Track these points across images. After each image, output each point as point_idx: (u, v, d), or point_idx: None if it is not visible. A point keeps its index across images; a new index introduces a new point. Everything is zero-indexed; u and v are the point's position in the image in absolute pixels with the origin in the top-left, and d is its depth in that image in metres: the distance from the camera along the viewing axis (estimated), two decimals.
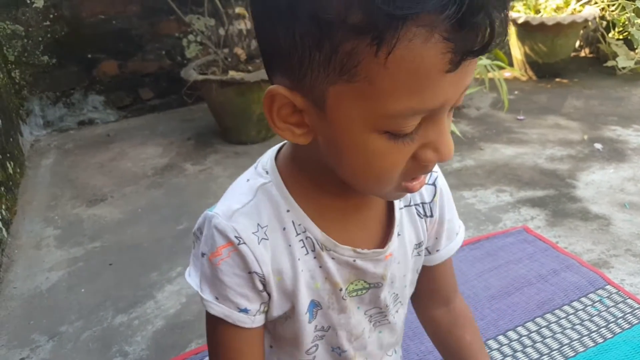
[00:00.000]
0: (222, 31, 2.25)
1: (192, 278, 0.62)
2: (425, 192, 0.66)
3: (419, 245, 0.67)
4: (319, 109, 0.46)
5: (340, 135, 0.47)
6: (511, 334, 1.18)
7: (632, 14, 2.63)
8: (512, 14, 2.61)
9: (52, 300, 1.41)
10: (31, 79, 2.50)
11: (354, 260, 0.60)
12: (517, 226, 1.55)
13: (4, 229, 1.69)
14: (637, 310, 1.21)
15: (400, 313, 0.71)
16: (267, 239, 0.57)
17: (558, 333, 1.17)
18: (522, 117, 2.31)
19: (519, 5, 2.62)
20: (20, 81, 2.49)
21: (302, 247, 0.58)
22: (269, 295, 0.59)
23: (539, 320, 1.21)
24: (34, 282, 1.48)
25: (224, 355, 0.62)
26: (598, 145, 2.01)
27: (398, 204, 0.63)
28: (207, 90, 2.10)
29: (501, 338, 1.17)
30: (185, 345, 1.20)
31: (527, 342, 1.15)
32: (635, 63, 2.63)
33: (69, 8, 2.46)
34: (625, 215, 1.58)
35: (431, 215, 0.66)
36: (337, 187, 0.56)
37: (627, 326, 1.18)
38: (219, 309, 0.58)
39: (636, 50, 2.66)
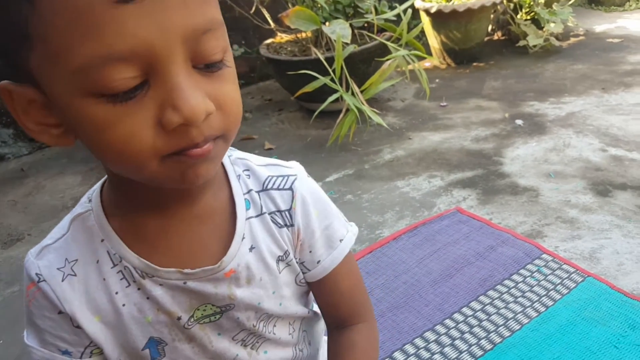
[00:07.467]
0: None
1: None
2: (281, 198, 0.57)
3: (284, 256, 0.58)
4: (44, 95, 0.42)
5: (67, 115, 0.42)
6: (457, 316, 1.17)
7: None
8: (425, 4, 2.66)
9: None
10: None
11: (185, 283, 0.53)
12: (451, 208, 1.55)
13: None
14: (573, 275, 1.24)
15: (281, 324, 0.63)
16: (75, 275, 0.52)
17: (502, 308, 1.17)
18: (445, 104, 2.35)
19: None
20: None
21: (121, 278, 0.52)
22: (93, 337, 0.53)
23: (482, 298, 1.21)
24: None
25: None
26: (519, 121, 2.07)
27: (243, 213, 0.55)
28: None
29: (448, 322, 1.15)
30: None
31: (474, 322, 1.15)
32: (544, 40, 2.75)
33: None
34: (552, 184, 1.63)
35: (291, 225, 0.58)
36: (153, 198, 0.50)
37: (565, 291, 1.20)
38: (40, 354, 0.54)
39: (544, 29, 2.78)
